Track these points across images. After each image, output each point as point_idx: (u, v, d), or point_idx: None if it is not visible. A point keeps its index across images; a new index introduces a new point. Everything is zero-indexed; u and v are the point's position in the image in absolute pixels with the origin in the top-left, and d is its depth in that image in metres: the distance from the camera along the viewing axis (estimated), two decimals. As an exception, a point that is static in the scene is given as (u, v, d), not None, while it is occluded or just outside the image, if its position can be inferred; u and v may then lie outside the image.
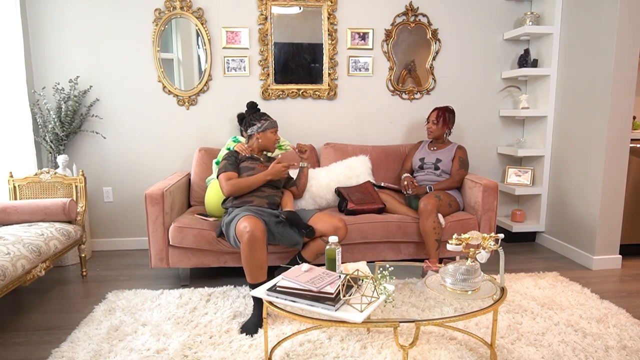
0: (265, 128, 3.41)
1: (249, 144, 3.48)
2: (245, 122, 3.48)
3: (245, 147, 3.47)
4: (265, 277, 2.88)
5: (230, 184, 3.19)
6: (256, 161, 3.40)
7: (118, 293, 3.31)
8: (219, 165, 3.39)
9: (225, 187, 3.19)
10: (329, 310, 2.05)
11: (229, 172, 3.26)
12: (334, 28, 4.29)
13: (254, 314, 2.83)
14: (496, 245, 2.32)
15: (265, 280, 2.86)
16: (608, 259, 3.85)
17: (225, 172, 3.25)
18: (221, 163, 3.33)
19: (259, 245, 2.80)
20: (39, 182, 3.70)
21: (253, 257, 2.80)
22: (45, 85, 4.12)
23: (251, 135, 3.46)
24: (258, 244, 2.79)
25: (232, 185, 3.18)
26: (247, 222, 2.82)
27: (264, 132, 3.41)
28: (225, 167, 3.29)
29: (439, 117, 3.87)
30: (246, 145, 3.49)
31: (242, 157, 3.40)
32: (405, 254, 3.64)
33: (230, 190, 3.18)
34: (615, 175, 3.74)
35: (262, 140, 3.42)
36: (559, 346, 2.57)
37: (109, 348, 2.56)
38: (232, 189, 3.18)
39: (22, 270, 2.77)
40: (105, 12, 4.11)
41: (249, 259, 2.80)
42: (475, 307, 2.25)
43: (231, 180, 3.21)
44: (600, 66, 3.72)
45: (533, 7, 4.46)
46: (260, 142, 3.43)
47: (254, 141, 3.45)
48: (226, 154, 3.38)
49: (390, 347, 2.55)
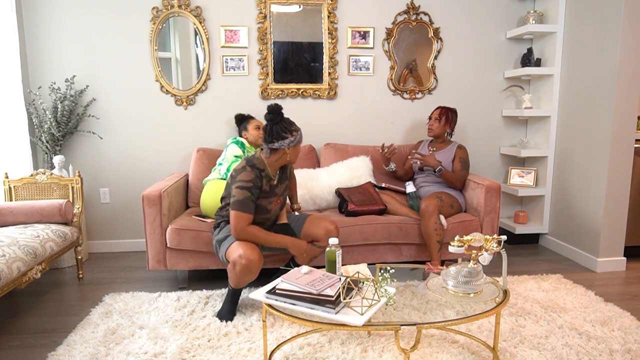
0: (297, 141, 2.85)
1: (270, 160, 2.86)
2: (269, 133, 2.80)
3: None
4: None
5: (247, 232, 2.75)
6: (276, 187, 2.96)
7: (115, 296, 3.29)
8: (236, 194, 2.76)
9: (238, 230, 2.75)
10: (329, 313, 2.04)
11: (247, 213, 2.75)
12: (334, 27, 4.26)
13: (228, 301, 2.94)
14: (499, 247, 2.33)
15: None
16: (612, 261, 3.81)
17: (243, 212, 2.74)
18: (240, 193, 2.75)
19: (253, 271, 2.77)
20: (34, 183, 3.67)
21: (244, 280, 2.82)
22: (41, 85, 4.10)
23: (276, 150, 2.83)
24: (253, 270, 2.76)
25: (247, 235, 2.76)
26: (242, 250, 2.72)
27: (295, 146, 2.87)
28: (245, 203, 2.74)
29: (442, 115, 3.84)
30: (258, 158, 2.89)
31: (264, 189, 2.88)
32: (406, 256, 3.62)
33: (241, 236, 2.76)
34: (620, 176, 3.71)
35: (291, 156, 2.88)
36: (562, 349, 2.54)
37: (106, 352, 2.54)
38: (246, 238, 2.77)
39: (17, 272, 2.75)
40: (102, 11, 4.08)
41: (239, 280, 2.82)
42: (477, 310, 2.27)
43: (249, 228, 2.76)
44: (605, 65, 3.69)
45: (536, 5, 4.43)
46: (289, 158, 2.88)
47: (278, 157, 2.86)
48: (248, 182, 2.77)
49: (391, 350, 2.53)
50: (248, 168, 2.82)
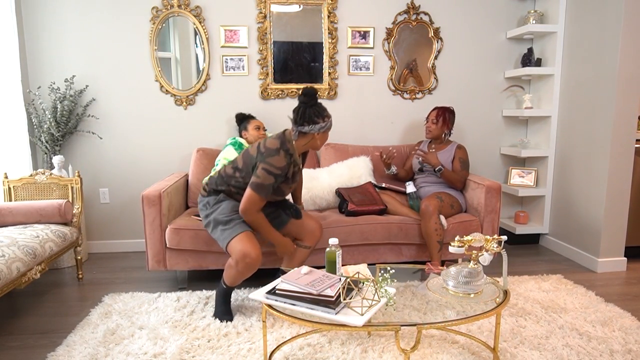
0: (327, 128, 2.79)
1: (298, 143, 2.79)
2: (301, 116, 2.71)
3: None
4: None
5: (255, 217, 2.74)
6: (297, 174, 2.90)
7: (114, 296, 3.28)
8: (261, 176, 2.68)
9: (249, 212, 2.72)
10: (329, 313, 2.04)
11: (264, 198, 2.72)
12: (334, 26, 4.25)
13: (222, 301, 2.94)
14: (499, 247, 2.33)
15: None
16: (613, 261, 3.81)
17: (260, 196, 2.70)
18: (266, 177, 2.68)
19: (254, 269, 2.78)
20: (34, 183, 3.66)
21: (243, 277, 2.83)
22: (41, 85, 4.09)
23: (305, 134, 2.76)
24: (254, 268, 2.77)
25: (254, 219, 2.75)
26: (247, 247, 2.69)
27: (324, 132, 2.81)
28: (267, 188, 2.70)
29: (439, 117, 3.83)
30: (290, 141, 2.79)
31: (289, 176, 2.83)
32: (406, 256, 3.61)
33: (247, 218, 2.74)
34: (620, 176, 3.70)
35: (320, 141, 2.82)
36: (563, 350, 2.54)
37: (105, 352, 2.53)
38: (249, 218, 2.74)
39: (17, 273, 2.75)
40: (101, 10, 4.07)
41: (237, 278, 2.83)
42: (477, 311, 2.26)
43: (259, 213, 2.76)
44: (605, 65, 3.68)
45: (537, 5, 4.43)
46: (317, 142, 2.82)
47: (306, 141, 2.79)
48: (278, 169, 2.70)
49: (391, 351, 2.53)
50: (282, 152, 2.71)
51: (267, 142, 2.77)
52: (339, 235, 3.41)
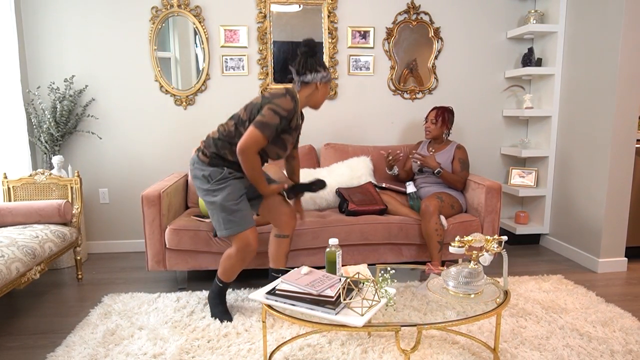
0: (328, 79, 2.77)
1: (300, 94, 2.78)
2: (303, 65, 2.72)
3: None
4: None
5: (252, 156, 2.63)
6: (298, 129, 2.85)
7: (114, 296, 3.28)
8: (266, 115, 2.62)
9: (247, 149, 2.61)
10: (329, 313, 2.03)
11: (266, 137, 2.62)
12: (334, 26, 4.25)
13: (218, 302, 2.94)
14: (499, 247, 2.32)
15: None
16: (613, 261, 3.80)
17: (263, 134, 2.61)
18: (272, 117, 2.61)
19: (250, 258, 2.84)
20: (33, 184, 3.66)
21: (240, 267, 2.85)
22: (40, 85, 4.09)
23: (307, 84, 2.76)
24: (250, 258, 2.83)
25: (251, 158, 2.63)
26: (251, 237, 2.75)
27: (326, 84, 2.79)
28: (271, 127, 2.62)
29: (438, 117, 3.82)
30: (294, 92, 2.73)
31: (292, 125, 2.75)
32: (406, 256, 3.60)
33: (244, 157, 2.62)
34: (621, 177, 3.70)
35: (321, 93, 2.80)
36: (563, 350, 2.53)
37: (105, 352, 2.53)
38: (247, 157, 2.62)
39: (16, 273, 2.74)
40: (101, 10, 4.06)
41: (236, 267, 2.85)
42: (478, 311, 2.25)
43: (256, 155, 2.65)
44: (606, 65, 3.67)
45: (537, 5, 4.42)
46: (319, 95, 2.80)
47: (309, 92, 2.78)
48: (284, 111, 2.63)
49: (391, 351, 2.52)
50: (289, 97, 2.65)
51: (272, 90, 2.78)
52: (339, 235, 3.41)
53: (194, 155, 2.85)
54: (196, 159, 2.82)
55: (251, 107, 2.74)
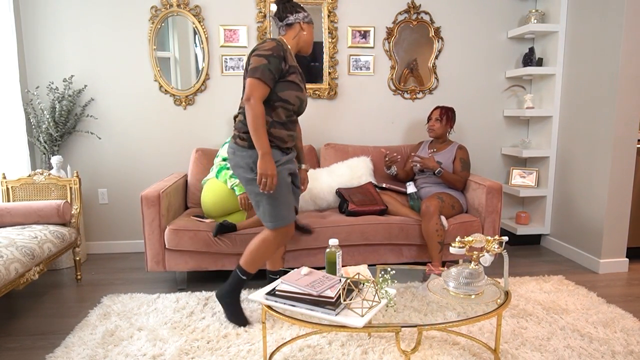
0: (310, 20, 2.76)
1: (287, 37, 2.74)
2: (283, 9, 2.73)
3: None
4: None
5: (257, 107, 2.52)
6: (300, 72, 2.76)
7: (113, 297, 3.27)
8: (253, 62, 2.56)
9: (250, 93, 2.52)
10: (329, 314, 2.03)
11: (264, 83, 2.54)
12: (334, 26, 4.24)
13: (236, 300, 2.85)
14: (500, 248, 2.32)
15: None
16: (615, 262, 3.79)
17: (260, 80, 2.53)
18: (257, 60, 2.55)
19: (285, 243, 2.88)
20: (32, 184, 3.65)
21: (275, 253, 2.88)
22: (39, 85, 4.08)
23: (291, 25, 2.73)
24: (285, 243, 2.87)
25: (256, 111, 2.52)
26: (292, 228, 2.79)
27: (309, 24, 2.76)
28: (262, 70, 2.53)
29: (442, 115, 3.82)
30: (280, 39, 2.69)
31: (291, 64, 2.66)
32: (407, 257, 3.59)
33: (250, 105, 2.51)
34: (622, 177, 3.68)
35: (307, 33, 2.76)
36: (564, 351, 2.53)
37: (104, 353, 2.52)
38: (253, 106, 2.51)
39: (15, 274, 2.73)
40: (100, 10, 4.05)
41: (271, 253, 2.79)
42: (478, 312, 2.24)
43: (261, 106, 2.54)
44: (607, 65, 3.66)
45: (538, 4, 4.41)
46: (305, 36, 2.76)
47: (295, 33, 2.74)
48: (267, 50, 2.56)
49: (392, 352, 2.51)
50: (268, 40, 2.64)
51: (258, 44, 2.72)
52: (339, 235, 3.40)
53: (232, 143, 2.72)
54: (235, 147, 2.69)
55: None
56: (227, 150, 2.76)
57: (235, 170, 2.73)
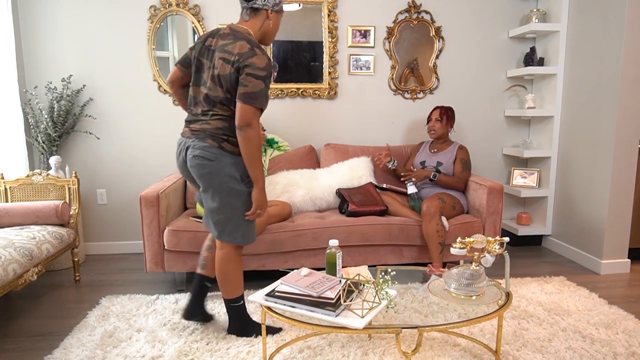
0: (280, 9, 2.50)
1: (251, 25, 2.46)
2: None
3: None
4: None
5: (255, 126, 2.33)
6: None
7: (112, 298, 3.26)
8: (249, 84, 2.30)
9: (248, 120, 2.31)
10: (329, 315, 2.03)
11: (260, 110, 2.36)
12: (335, 25, 4.22)
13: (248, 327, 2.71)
14: (501, 249, 2.31)
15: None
16: (616, 263, 3.78)
17: (257, 108, 2.33)
18: (256, 84, 2.30)
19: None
20: (30, 184, 3.64)
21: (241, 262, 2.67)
22: (37, 85, 4.06)
23: (257, 11, 2.44)
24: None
25: (255, 128, 2.33)
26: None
27: (278, 13, 2.51)
28: (261, 96, 2.33)
29: (443, 115, 3.80)
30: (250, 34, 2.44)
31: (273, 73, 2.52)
32: (407, 258, 3.58)
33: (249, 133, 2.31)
34: (624, 177, 3.67)
35: (273, 23, 2.49)
36: (566, 353, 2.52)
37: (103, 355, 2.52)
38: (252, 132, 2.32)
39: (13, 274, 2.73)
40: (99, 9, 4.04)
41: (241, 264, 2.65)
42: (479, 313, 2.25)
43: (259, 134, 2.38)
44: (609, 64, 3.65)
45: (539, 4, 4.40)
46: (271, 26, 2.50)
47: (259, 23, 2.46)
48: (263, 70, 2.32)
49: (392, 353, 2.50)
50: (258, 51, 2.34)
51: (237, 47, 2.35)
52: (339, 236, 3.39)
53: (211, 146, 2.41)
54: (220, 152, 2.42)
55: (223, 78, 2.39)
56: (199, 152, 2.41)
57: (215, 178, 2.43)
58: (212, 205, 2.48)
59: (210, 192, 2.46)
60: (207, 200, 2.50)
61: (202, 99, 2.46)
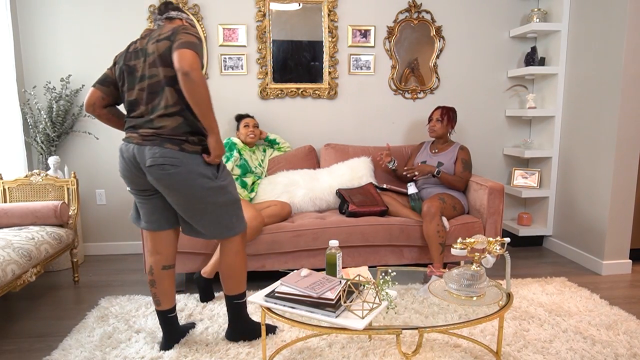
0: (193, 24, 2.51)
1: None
2: (165, 5, 2.47)
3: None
4: None
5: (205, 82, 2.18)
6: None
7: (111, 299, 3.25)
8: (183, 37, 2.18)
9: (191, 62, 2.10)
10: (329, 316, 2.02)
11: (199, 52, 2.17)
12: (335, 25, 4.21)
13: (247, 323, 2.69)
14: (502, 249, 2.31)
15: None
16: (618, 263, 3.77)
17: (195, 50, 2.15)
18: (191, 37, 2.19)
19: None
20: (29, 185, 3.64)
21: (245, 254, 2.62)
22: (36, 84, 4.06)
23: (172, 19, 2.46)
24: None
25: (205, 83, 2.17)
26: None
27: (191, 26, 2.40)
28: (198, 46, 2.19)
29: (444, 115, 3.79)
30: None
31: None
32: (408, 259, 3.57)
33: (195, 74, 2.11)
34: (626, 177, 3.66)
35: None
36: (567, 354, 2.51)
37: (102, 356, 2.51)
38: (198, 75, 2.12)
39: (12, 275, 2.72)
40: (97, 9, 4.04)
41: (246, 257, 2.60)
42: (480, 314, 2.24)
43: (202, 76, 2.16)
44: (610, 64, 3.64)
45: (540, 3, 4.39)
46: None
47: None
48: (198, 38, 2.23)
49: (392, 354, 2.50)
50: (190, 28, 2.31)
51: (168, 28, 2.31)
52: (339, 236, 3.38)
53: (171, 151, 2.25)
54: (184, 155, 2.28)
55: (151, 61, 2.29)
56: (163, 160, 2.23)
57: (190, 185, 2.28)
58: (195, 212, 2.37)
59: (190, 201, 2.33)
60: (188, 209, 2.36)
61: (144, 96, 2.29)
